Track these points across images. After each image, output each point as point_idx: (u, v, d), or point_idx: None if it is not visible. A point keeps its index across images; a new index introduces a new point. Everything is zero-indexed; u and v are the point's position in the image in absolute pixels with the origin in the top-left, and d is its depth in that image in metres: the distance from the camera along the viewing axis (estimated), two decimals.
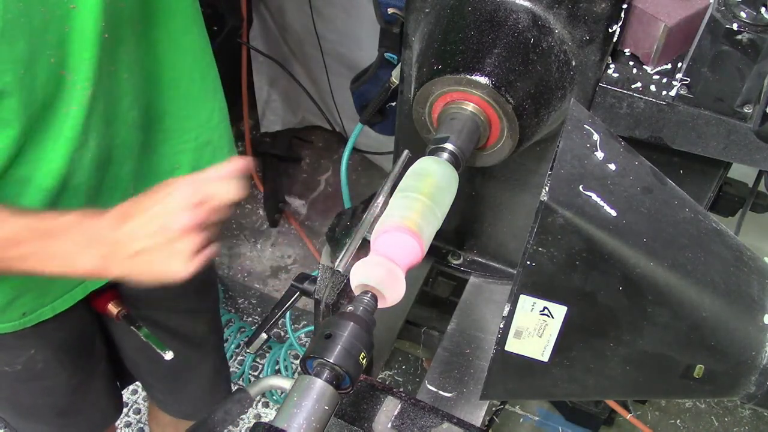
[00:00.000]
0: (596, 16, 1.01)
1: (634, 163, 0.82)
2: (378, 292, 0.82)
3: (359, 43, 2.30)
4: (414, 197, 0.87)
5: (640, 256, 0.75)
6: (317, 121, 2.78)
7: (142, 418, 2.10)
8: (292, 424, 0.74)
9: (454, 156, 0.95)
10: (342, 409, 1.01)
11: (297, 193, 2.71)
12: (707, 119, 1.03)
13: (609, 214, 0.75)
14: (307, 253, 2.53)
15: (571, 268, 0.75)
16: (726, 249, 0.83)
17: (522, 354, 0.82)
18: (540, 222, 0.73)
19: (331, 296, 1.06)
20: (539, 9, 1.02)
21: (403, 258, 0.83)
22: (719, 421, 2.16)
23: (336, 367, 0.76)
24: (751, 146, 1.03)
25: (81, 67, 0.94)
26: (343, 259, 0.92)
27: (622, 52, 1.11)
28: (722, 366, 0.81)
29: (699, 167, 1.14)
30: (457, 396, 1.22)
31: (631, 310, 0.77)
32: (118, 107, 1.04)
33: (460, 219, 1.42)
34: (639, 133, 1.08)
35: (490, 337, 1.32)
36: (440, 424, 1.01)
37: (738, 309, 0.80)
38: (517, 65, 0.98)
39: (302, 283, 1.11)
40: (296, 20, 2.47)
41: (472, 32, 1.01)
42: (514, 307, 0.79)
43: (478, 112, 0.99)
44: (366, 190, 2.66)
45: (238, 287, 2.42)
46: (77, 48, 0.92)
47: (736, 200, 1.31)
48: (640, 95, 1.05)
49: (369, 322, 0.80)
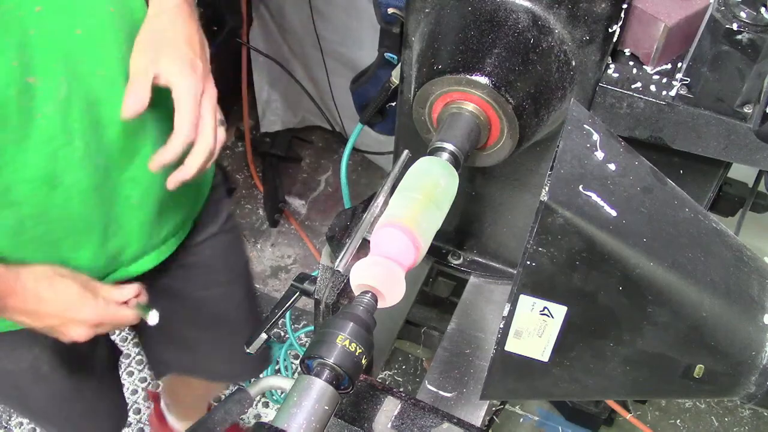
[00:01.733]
0: (596, 16, 1.01)
1: (634, 163, 0.82)
2: (378, 292, 0.82)
3: (359, 43, 2.30)
4: (414, 197, 0.87)
5: (640, 256, 0.75)
6: (317, 121, 2.78)
7: (141, 418, 2.10)
8: (292, 424, 0.74)
9: (454, 156, 0.95)
10: (342, 409, 1.01)
11: (297, 193, 2.71)
12: (707, 119, 1.03)
13: (609, 214, 0.75)
14: (307, 253, 2.53)
15: (571, 268, 0.75)
16: (726, 249, 0.83)
17: (522, 354, 0.82)
18: (540, 222, 0.73)
19: (331, 296, 1.06)
20: (539, 9, 1.02)
21: (403, 258, 0.83)
22: (719, 421, 2.16)
23: (336, 367, 0.76)
24: (751, 146, 1.03)
25: (49, 68, 0.93)
26: (343, 259, 0.92)
27: (622, 52, 1.11)
28: (722, 366, 0.81)
29: (699, 167, 1.14)
30: (457, 396, 1.23)
31: (631, 310, 0.77)
32: (101, 106, 1.02)
33: (460, 219, 1.42)
34: (639, 133, 1.08)
35: (490, 337, 1.32)
36: (440, 424, 1.01)
37: (738, 309, 0.80)
38: (517, 65, 0.98)
39: (302, 283, 1.11)
40: (296, 20, 2.47)
41: (472, 32, 1.01)
42: (514, 307, 0.79)
43: (478, 112, 0.99)
44: (366, 190, 2.66)
45: None
46: (43, 50, 0.92)
47: (736, 200, 1.31)
48: (640, 95, 1.05)
49: (369, 322, 0.80)
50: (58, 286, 1.03)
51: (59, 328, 1.05)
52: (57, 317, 1.04)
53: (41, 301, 1.02)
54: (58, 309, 1.04)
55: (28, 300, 1.02)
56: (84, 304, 1.05)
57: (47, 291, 1.02)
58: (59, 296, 1.03)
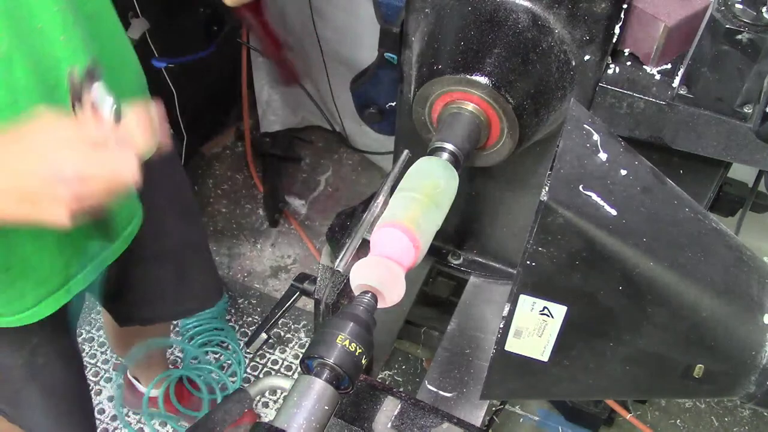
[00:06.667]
0: (596, 16, 1.01)
1: (634, 163, 0.82)
2: (378, 292, 0.82)
3: (359, 43, 2.30)
4: (414, 197, 0.87)
5: (640, 256, 0.75)
6: (317, 121, 2.78)
7: (141, 419, 2.10)
8: (292, 424, 0.74)
9: (454, 156, 0.95)
10: (342, 409, 1.01)
11: (297, 193, 2.70)
12: (707, 119, 1.03)
13: (609, 214, 0.75)
14: (307, 253, 2.53)
15: (571, 268, 0.75)
16: (726, 249, 0.83)
17: (522, 354, 0.82)
18: (540, 222, 0.73)
19: (331, 296, 1.06)
20: (539, 9, 1.02)
21: (403, 258, 0.83)
22: (719, 421, 2.16)
23: (336, 367, 0.76)
24: (751, 146, 1.03)
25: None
26: (343, 259, 0.92)
27: (622, 52, 1.11)
28: (722, 366, 0.81)
29: (699, 167, 1.14)
30: (457, 396, 1.23)
31: (631, 310, 0.77)
32: (46, 62, 0.91)
33: (460, 219, 1.42)
34: (639, 133, 1.08)
35: (490, 337, 1.32)
36: (440, 424, 1.01)
37: (738, 309, 0.80)
38: (517, 65, 0.98)
39: (302, 283, 1.12)
40: (296, 20, 2.47)
41: (472, 32, 1.01)
42: (514, 307, 0.79)
43: (478, 112, 0.99)
44: (366, 190, 2.66)
45: (238, 287, 2.42)
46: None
47: (736, 200, 1.31)
48: (640, 95, 1.05)
49: (369, 322, 0.80)
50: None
51: (38, 201, 0.77)
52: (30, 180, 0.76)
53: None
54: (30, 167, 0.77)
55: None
56: (64, 151, 0.77)
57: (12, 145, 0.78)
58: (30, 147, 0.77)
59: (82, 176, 0.76)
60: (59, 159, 0.76)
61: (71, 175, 0.75)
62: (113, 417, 2.08)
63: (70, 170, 0.75)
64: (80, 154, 0.77)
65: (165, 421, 2.06)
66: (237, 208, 2.65)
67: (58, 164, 0.75)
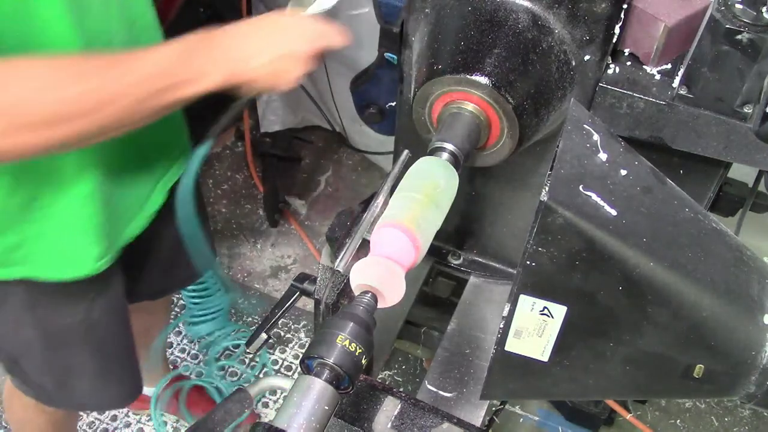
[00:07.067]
0: (596, 16, 1.01)
1: (634, 163, 0.82)
2: (378, 292, 0.82)
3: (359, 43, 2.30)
4: (414, 197, 0.87)
5: (640, 256, 0.75)
6: (317, 121, 2.78)
7: (141, 419, 2.10)
8: (292, 424, 0.74)
9: (454, 156, 0.95)
10: (342, 409, 1.01)
11: (297, 193, 2.70)
12: (707, 119, 1.03)
13: (609, 214, 0.75)
14: (307, 253, 2.53)
15: (571, 268, 0.75)
16: (726, 249, 0.83)
17: (522, 354, 0.82)
18: (540, 222, 0.73)
19: (331, 296, 1.06)
20: (539, 9, 1.02)
21: (402, 258, 0.83)
22: (719, 421, 2.16)
23: (336, 367, 0.76)
24: (751, 146, 1.03)
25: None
26: (343, 259, 0.92)
27: (622, 52, 1.11)
28: (722, 366, 0.81)
29: (699, 167, 1.14)
30: (457, 396, 1.23)
31: (631, 310, 0.77)
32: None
33: (460, 219, 1.42)
34: (639, 133, 1.08)
35: (490, 337, 1.33)
36: (440, 424, 1.01)
37: (738, 309, 0.80)
38: (517, 65, 0.98)
39: (302, 283, 1.11)
40: None
41: (472, 32, 1.01)
42: (514, 307, 0.79)
43: (478, 112, 0.99)
44: (366, 190, 2.66)
45: (238, 287, 2.42)
46: None
47: (736, 200, 1.31)
48: (640, 95, 1.05)
49: (369, 322, 0.80)
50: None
51: (276, 67, 1.00)
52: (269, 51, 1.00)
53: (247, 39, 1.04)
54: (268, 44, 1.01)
55: (233, 48, 1.03)
56: (290, 28, 1.02)
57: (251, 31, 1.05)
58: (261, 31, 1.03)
59: (311, 47, 0.99)
60: (294, 36, 1.00)
61: (304, 48, 0.98)
62: (113, 417, 2.08)
63: (303, 43, 0.99)
64: (305, 31, 1.00)
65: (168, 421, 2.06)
66: (237, 208, 2.65)
67: (294, 40, 0.99)
